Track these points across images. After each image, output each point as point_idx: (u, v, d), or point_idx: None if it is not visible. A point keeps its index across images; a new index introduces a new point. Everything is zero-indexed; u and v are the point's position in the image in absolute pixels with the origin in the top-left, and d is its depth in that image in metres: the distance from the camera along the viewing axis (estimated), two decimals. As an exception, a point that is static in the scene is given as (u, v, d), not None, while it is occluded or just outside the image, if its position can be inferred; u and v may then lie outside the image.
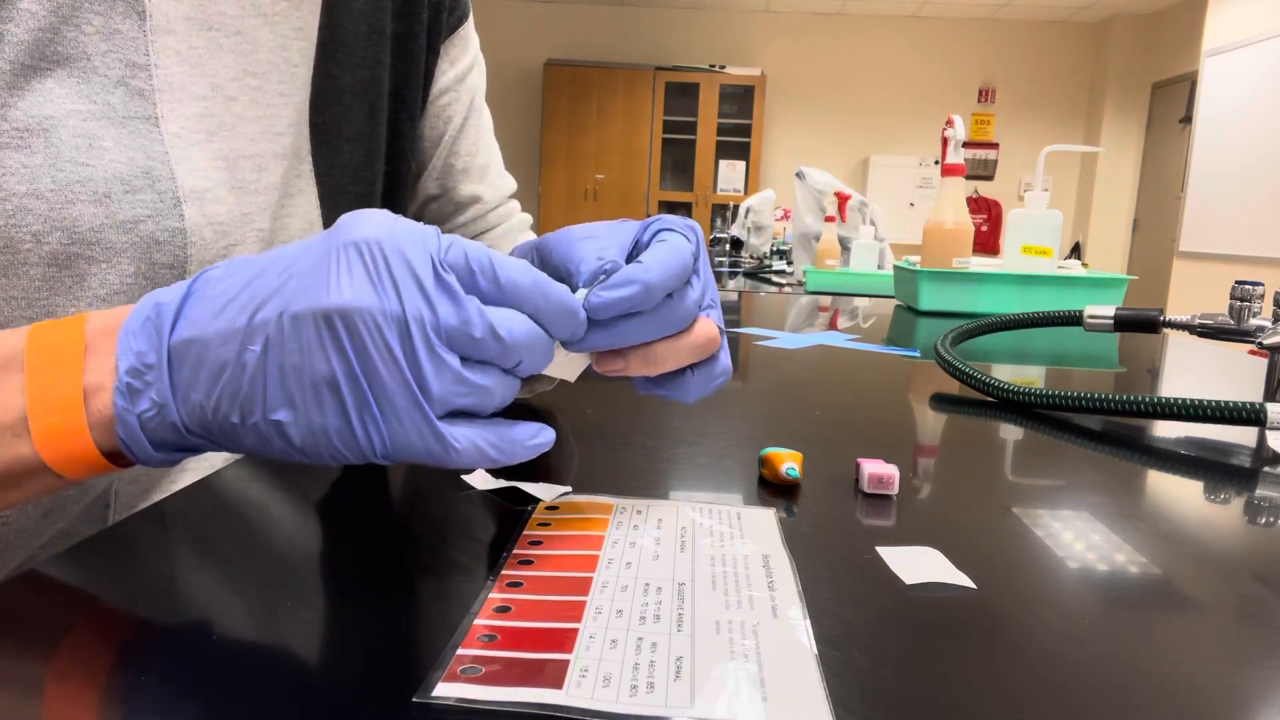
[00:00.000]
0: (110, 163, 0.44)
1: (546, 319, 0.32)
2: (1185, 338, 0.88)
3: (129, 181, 0.45)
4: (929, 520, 0.43)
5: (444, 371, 0.30)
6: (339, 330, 0.29)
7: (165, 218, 0.46)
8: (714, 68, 7.23)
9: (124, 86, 0.45)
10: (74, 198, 0.43)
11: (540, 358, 0.32)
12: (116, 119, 0.45)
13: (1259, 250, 4.85)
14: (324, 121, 0.57)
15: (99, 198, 0.44)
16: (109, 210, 0.44)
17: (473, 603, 0.31)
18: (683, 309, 0.35)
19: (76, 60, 0.43)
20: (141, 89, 0.46)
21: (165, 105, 0.47)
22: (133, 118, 0.45)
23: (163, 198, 0.46)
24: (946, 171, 1.41)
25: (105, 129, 0.44)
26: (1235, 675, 0.29)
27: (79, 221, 0.43)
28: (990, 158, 7.39)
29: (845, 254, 2.33)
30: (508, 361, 0.31)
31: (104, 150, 0.44)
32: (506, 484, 0.43)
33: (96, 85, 0.44)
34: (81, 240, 0.43)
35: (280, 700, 0.26)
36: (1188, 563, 0.39)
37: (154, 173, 0.46)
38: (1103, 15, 6.98)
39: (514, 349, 0.31)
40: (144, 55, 0.46)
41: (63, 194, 0.43)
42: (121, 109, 0.45)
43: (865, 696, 0.26)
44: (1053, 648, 0.30)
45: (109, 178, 0.44)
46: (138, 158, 0.45)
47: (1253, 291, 0.73)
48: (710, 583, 0.33)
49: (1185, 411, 0.57)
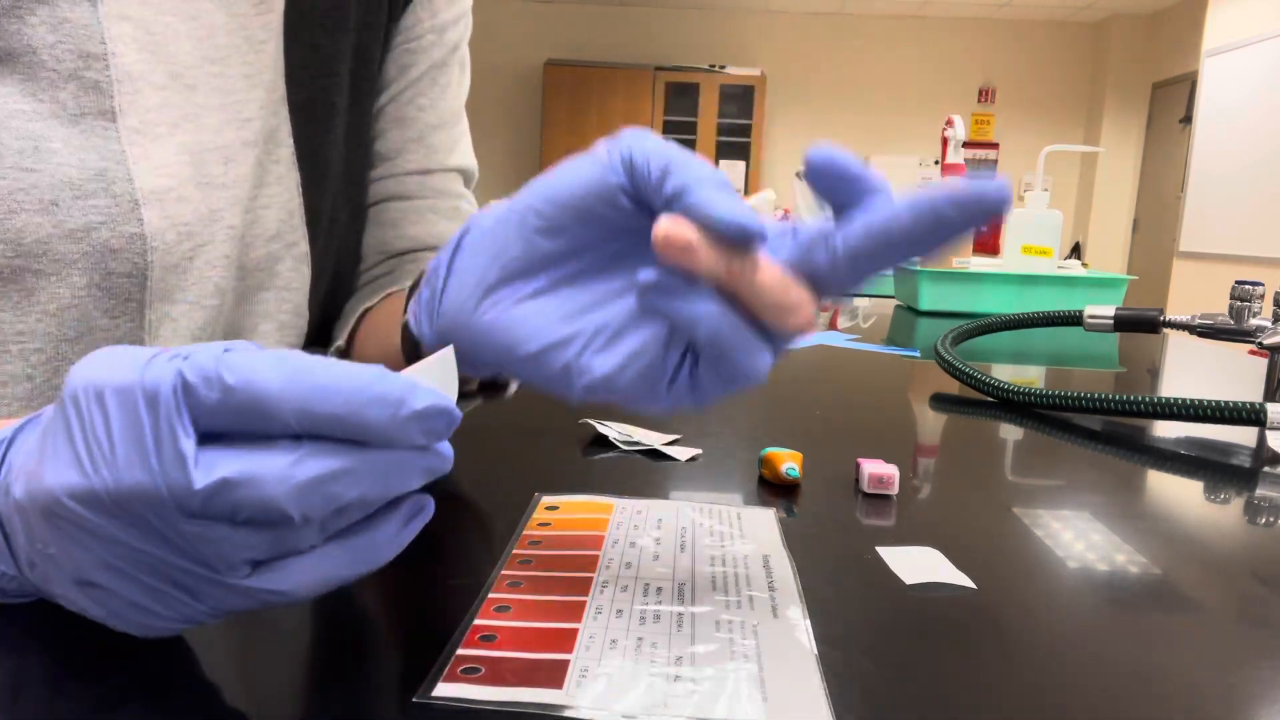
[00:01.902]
0: (58, 166, 0.41)
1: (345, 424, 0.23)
2: (1185, 338, 0.88)
3: (80, 186, 0.41)
4: (929, 520, 0.43)
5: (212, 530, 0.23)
6: (61, 517, 0.24)
7: (121, 223, 0.43)
8: (714, 68, 7.23)
9: (76, 80, 0.42)
10: (17, 207, 0.40)
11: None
12: (66, 117, 0.41)
13: (1259, 250, 4.85)
14: (311, 98, 0.53)
15: (45, 206, 0.41)
16: (57, 219, 0.41)
17: (472, 603, 0.31)
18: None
19: (20, 55, 0.40)
20: (97, 81, 0.42)
21: (123, 98, 0.43)
22: (86, 114, 0.42)
23: (118, 201, 0.43)
24: (946, 171, 1.41)
25: (53, 129, 0.41)
26: (1235, 675, 0.29)
27: (24, 232, 0.40)
28: (990, 158, 7.39)
29: (845, 254, 2.32)
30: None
31: (51, 153, 0.41)
32: (641, 446, 0.45)
33: (44, 81, 0.41)
34: (28, 253, 0.41)
35: (280, 700, 0.26)
36: (1188, 563, 0.39)
37: (109, 174, 0.42)
38: (1103, 15, 6.97)
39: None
40: (99, 44, 0.42)
41: (5, 203, 0.40)
42: (73, 105, 0.42)
43: (865, 696, 0.26)
44: (1053, 647, 0.30)
45: (56, 183, 0.41)
46: (90, 159, 0.42)
47: (1253, 291, 0.73)
48: (710, 583, 0.33)
49: (1185, 411, 0.57)
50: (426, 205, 0.63)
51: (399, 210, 0.62)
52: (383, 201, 0.62)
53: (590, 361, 0.30)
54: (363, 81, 0.57)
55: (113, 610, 0.25)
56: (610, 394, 0.30)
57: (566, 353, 0.31)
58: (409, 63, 0.61)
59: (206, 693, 0.26)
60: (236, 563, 0.24)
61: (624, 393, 0.30)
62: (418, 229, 0.62)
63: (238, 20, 0.48)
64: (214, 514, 0.23)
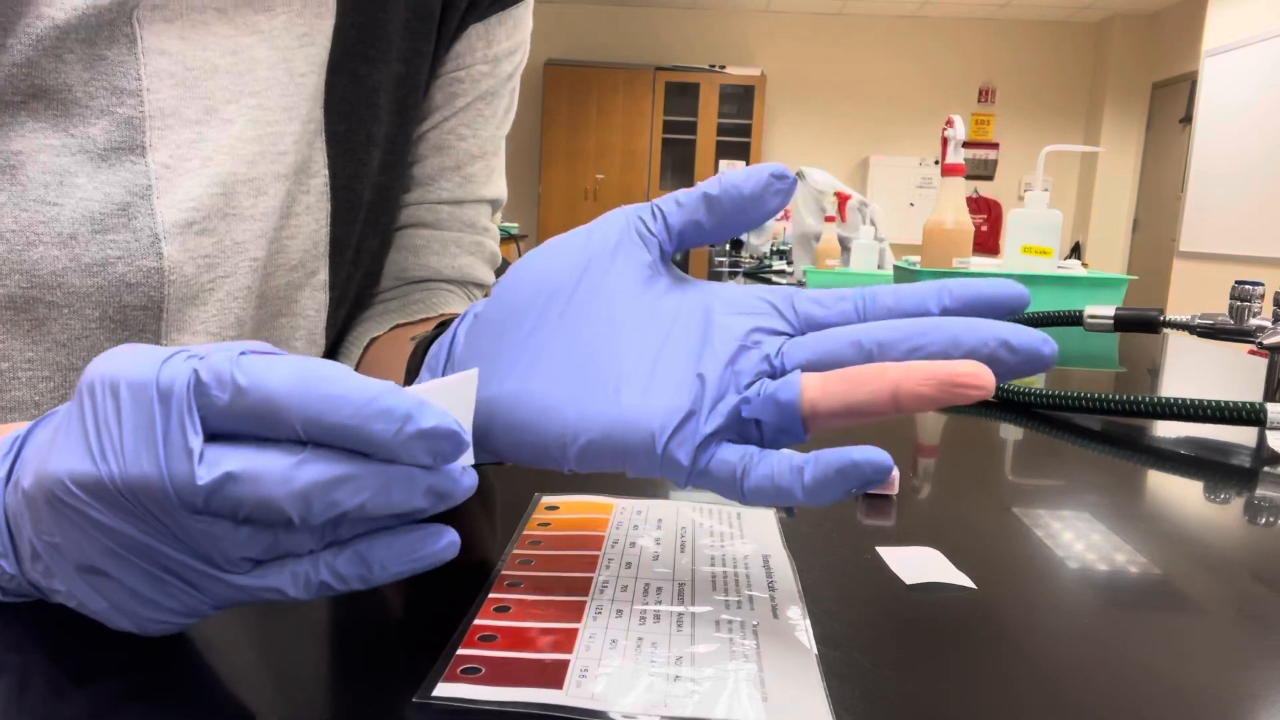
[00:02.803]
0: (80, 201, 0.41)
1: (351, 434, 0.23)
2: (1185, 338, 0.88)
3: (100, 220, 0.42)
4: (929, 520, 0.43)
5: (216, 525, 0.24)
6: (65, 503, 0.24)
7: (139, 258, 0.43)
8: (714, 68, 7.23)
9: (109, 116, 0.42)
10: (35, 239, 0.40)
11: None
12: (96, 152, 0.42)
13: (1259, 250, 4.85)
14: (350, 129, 0.52)
15: (63, 239, 0.41)
16: (73, 253, 0.41)
17: (473, 603, 0.31)
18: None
19: (55, 92, 0.40)
20: (130, 116, 0.42)
21: (155, 133, 0.43)
22: (116, 149, 0.42)
23: (138, 236, 0.43)
24: (946, 171, 1.41)
25: (80, 164, 0.41)
26: (1235, 675, 0.29)
27: (40, 264, 0.41)
28: (990, 158, 7.39)
29: (845, 254, 2.32)
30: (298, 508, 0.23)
31: (75, 187, 0.41)
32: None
33: (76, 117, 0.41)
34: (42, 284, 0.41)
35: (281, 700, 0.26)
36: (1188, 563, 0.39)
37: (131, 209, 0.43)
38: (1103, 15, 6.98)
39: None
40: (134, 80, 0.42)
41: (24, 235, 0.40)
42: (104, 140, 0.42)
43: (865, 696, 0.26)
44: (1053, 648, 0.30)
45: (77, 217, 0.41)
46: (115, 193, 0.42)
47: (1253, 291, 0.73)
48: (710, 583, 0.33)
49: (1185, 411, 0.57)
50: (451, 237, 0.62)
51: (424, 238, 0.62)
52: (410, 227, 0.62)
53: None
54: (404, 111, 0.56)
55: (114, 602, 0.25)
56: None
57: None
58: (457, 91, 0.59)
59: (206, 693, 0.26)
60: (236, 559, 0.24)
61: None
62: (439, 260, 0.62)
63: (280, 54, 0.48)
64: (216, 510, 0.23)
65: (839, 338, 0.29)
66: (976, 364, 0.27)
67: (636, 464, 0.29)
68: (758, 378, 0.29)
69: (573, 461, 0.30)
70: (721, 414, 0.28)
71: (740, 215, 0.31)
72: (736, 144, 7.31)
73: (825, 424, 0.28)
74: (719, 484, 0.28)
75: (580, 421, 0.29)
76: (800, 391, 0.28)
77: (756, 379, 0.29)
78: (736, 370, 0.29)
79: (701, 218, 0.32)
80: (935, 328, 0.29)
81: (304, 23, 0.49)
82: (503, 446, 0.31)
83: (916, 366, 0.27)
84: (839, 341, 0.29)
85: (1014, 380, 0.28)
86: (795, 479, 0.27)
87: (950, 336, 0.28)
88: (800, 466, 0.27)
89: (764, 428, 0.29)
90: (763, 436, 0.29)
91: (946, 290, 0.30)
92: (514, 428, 0.30)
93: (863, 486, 0.27)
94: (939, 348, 0.28)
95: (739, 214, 0.31)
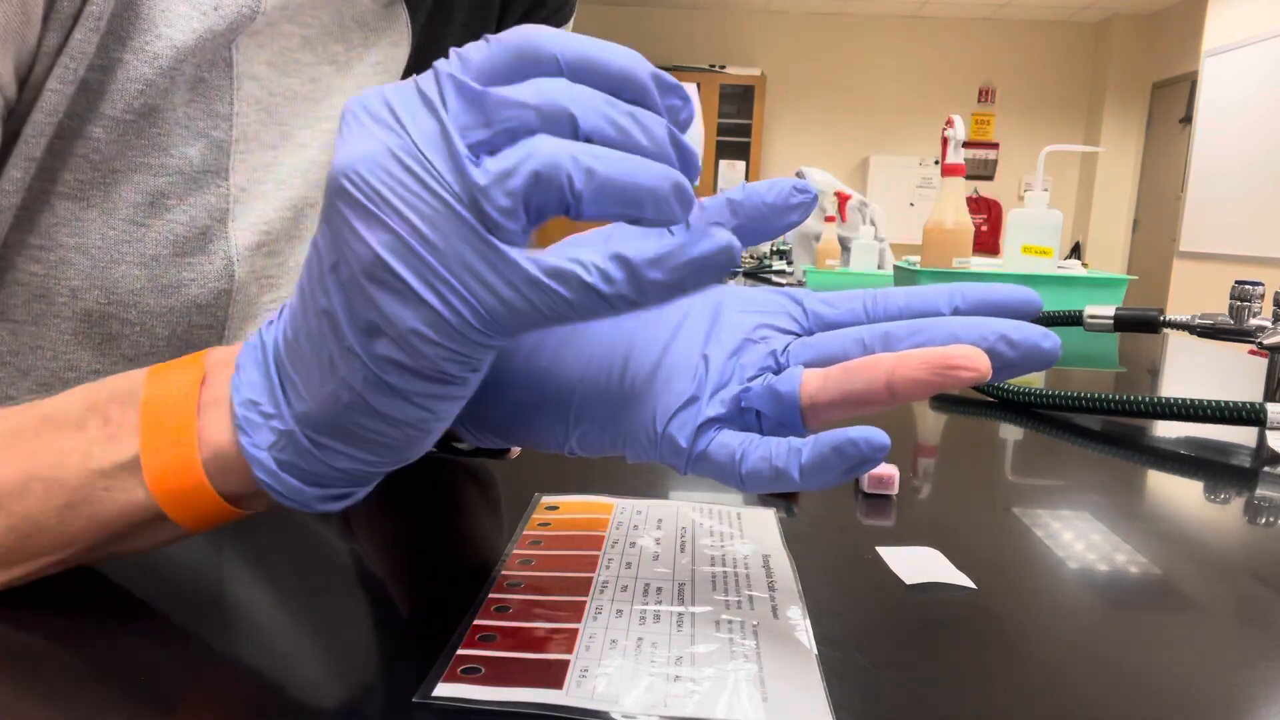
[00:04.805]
0: (167, 223, 0.42)
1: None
2: (1185, 338, 0.88)
3: (183, 244, 0.42)
4: (929, 520, 0.43)
5: (485, 175, 0.23)
6: (352, 193, 0.23)
7: (213, 280, 0.44)
8: (714, 68, 7.23)
9: (205, 138, 0.43)
10: (120, 258, 0.41)
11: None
12: (191, 173, 0.42)
13: (1259, 250, 4.85)
14: None
15: (146, 260, 0.42)
16: (153, 274, 0.42)
17: (473, 603, 0.31)
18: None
19: (162, 111, 0.41)
20: (221, 140, 0.43)
21: (237, 156, 0.44)
22: (206, 171, 0.43)
23: (212, 260, 0.44)
24: (946, 171, 1.41)
25: (174, 185, 0.42)
26: (1235, 675, 0.29)
27: (120, 283, 0.41)
28: (990, 158, 7.39)
29: (845, 254, 2.32)
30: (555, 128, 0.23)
31: (164, 209, 0.42)
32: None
33: (176, 138, 0.42)
34: (119, 302, 0.42)
35: (281, 700, 0.26)
36: (1188, 563, 0.39)
37: (211, 233, 0.44)
38: (1103, 15, 6.97)
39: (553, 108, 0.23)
40: (228, 105, 0.43)
41: (109, 253, 0.41)
42: (199, 162, 0.43)
43: (865, 696, 0.26)
44: (1053, 647, 0.30)
45: (161, 239, 0.42)
46: (199, 216, 0.43)
47: (1253, 291, 0.73)
48: (710, 583, 0.33)
49: (1185, 411, 0.57)
50: None
51: None
52: None
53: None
54: None
55: (398, 332, 0.24)
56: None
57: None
58: None
59: (206, 693, 0.26)
60: (517, 239, 0.23)
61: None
62: None
63: (355, 82, 0.50)
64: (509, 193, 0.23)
65: (844, 337, 0.30)
66: (970, 347, 0.27)
67: (637, 445, 0.30)
68: (761, 372, 0.30)
69: (574, 443, 0.30)
70: (722, 401, 0.29)
71: (761, 222, 0.31)
72: (736, 144, 7.31)
73: (824, 417, 0.29)
74: (717, 468, 0.29)
75: (583, 403, 0.30)
76: (800, 384, 0.28)
77: (760, 373, 0.30)
78: (741, 363, 0.30)
79: (724, 220, 0.32)
80: (936, 325, 0.29)
81: (380, 53, 0.50)
82: (506, 425, 0.31)
83: (910, 353, 0.27)
84: (844, 340, 0.30)
85: (1016, 378, 0.28)
86: (793, 460, 0.27)
87: (950, 333, 0.29)
88: (799, 448, 0.27)
89: (764, 419, 0.29)
90: (762, 428, 0.29)
91: (959, 293, 0.31)
92: (519, 406, 0.31)
93: (861, 466, 0.27)
94: (938, 343, 0.28)
95: (760, 220, 0.31)
